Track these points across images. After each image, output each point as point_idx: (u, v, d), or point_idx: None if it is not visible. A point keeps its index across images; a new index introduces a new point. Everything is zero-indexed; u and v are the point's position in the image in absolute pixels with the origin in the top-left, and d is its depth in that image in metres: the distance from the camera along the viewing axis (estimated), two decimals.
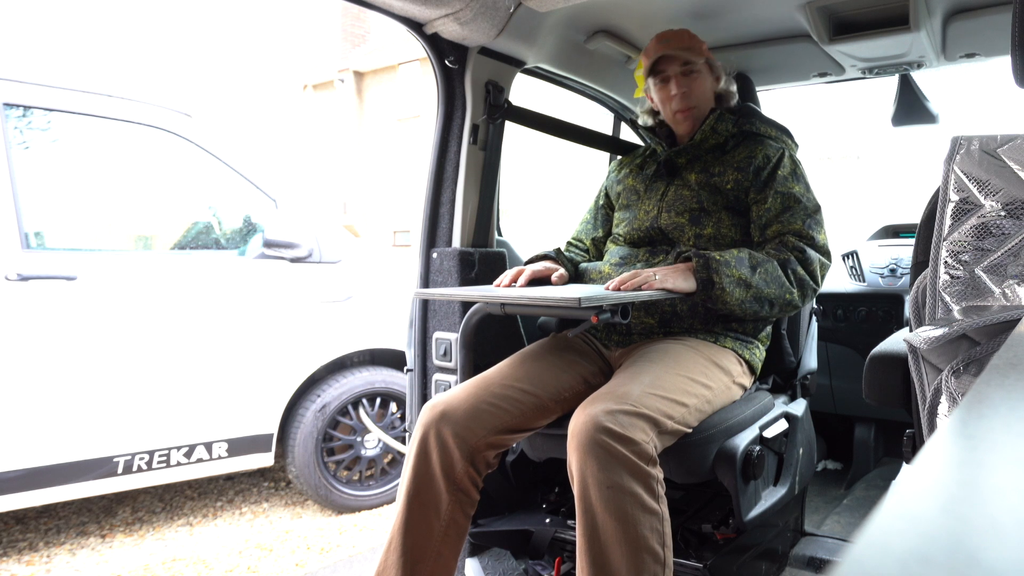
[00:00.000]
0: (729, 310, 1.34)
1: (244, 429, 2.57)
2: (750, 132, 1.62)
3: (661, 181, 1.61)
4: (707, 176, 1.54)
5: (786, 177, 1.50)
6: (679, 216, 1.52)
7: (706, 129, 1.57)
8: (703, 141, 1.58)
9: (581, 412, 1.16)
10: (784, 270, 1.39)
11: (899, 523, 0.19)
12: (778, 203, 1.47)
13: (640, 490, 1.08)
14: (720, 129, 1.58)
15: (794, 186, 1.49)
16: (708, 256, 1.33)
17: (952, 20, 1.67)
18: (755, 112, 1.68)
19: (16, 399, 2.12)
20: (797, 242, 1.43)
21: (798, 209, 1.46)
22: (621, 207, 1.68)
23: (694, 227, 1.50)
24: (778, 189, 1.48)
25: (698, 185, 1.53)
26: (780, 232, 1.45)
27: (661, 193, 1.58)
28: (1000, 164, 0.87)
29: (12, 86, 2.21)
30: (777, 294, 1.37)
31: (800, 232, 1.44)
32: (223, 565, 2.33)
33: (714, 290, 1.31)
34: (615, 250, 1.63)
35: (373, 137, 16.37)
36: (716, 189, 1.52)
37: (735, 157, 1.55)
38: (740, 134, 1.62)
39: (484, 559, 1.66)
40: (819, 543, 1.71)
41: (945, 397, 0.87)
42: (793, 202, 1.47)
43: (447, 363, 1.69)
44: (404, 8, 1.47)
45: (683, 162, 1.60)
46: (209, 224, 2.72)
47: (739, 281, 1.32)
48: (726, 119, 1.59)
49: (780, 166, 1.51)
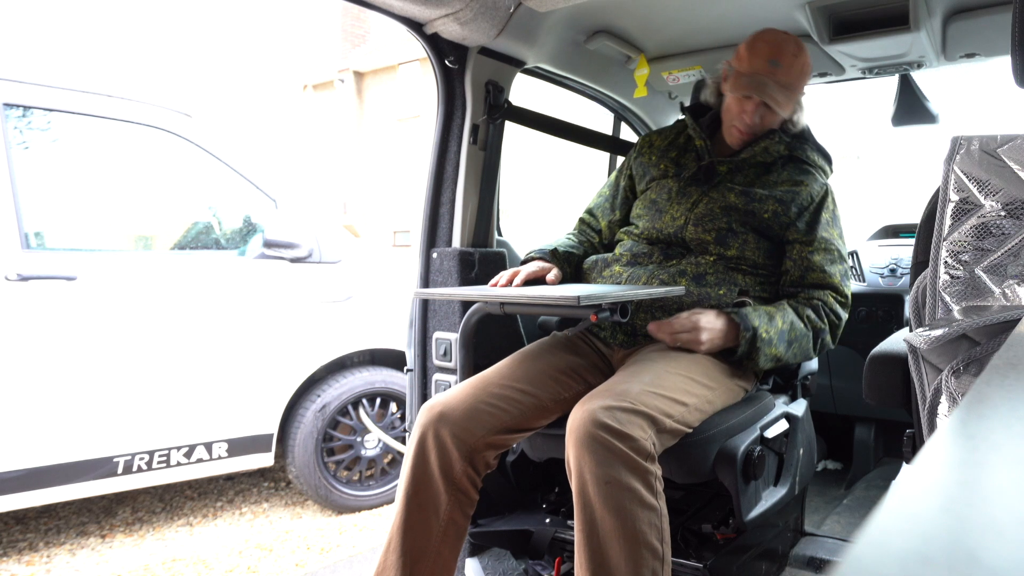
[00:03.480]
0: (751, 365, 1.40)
1: (244, 429, 2.57)
2: (799, 159, 1.56)
3: (696, 187, 1.52)
4: (746, 199, 1.47)
5: (828, 221, 1.49)
6: (706, 233, 1.46)
7: (757, 149, 1.51)
8: (751, 158, 1.52)
9: (579, 408, 1.16)
10: (815, 340, 1.43)
11: (899, 523, 0.19)
12: (821, 250, 1.45)
13: (638, 485, 1.08)
14: (772, 150, 1.53)
15: (834, 231, 1.50)
16: (756, 334, 1.33)
17: (952, 20, 1.67)
18: (809, 137, 1.61)
19: (16, 399, 2.12)
20: (834, 304, 1.44)
21: (838, 259, 1.47)
22: (647, 199, 1.58)
23: (719, 247, 1.45)
24: (821, 234, 1.46)
25: (733, 207, 1.47)
26: (819, 283, 1.45)
27: (693, 202, 1.50)
28: (1000, 164, 0.87)
29: (12, 86, 2.21)
30: (806, 351, 1.43)
31: (837, 288, 1.45)
32: (223, 565, 2.33)
33: (748, 361, 1.37)
34: (628, 244, 1.56)
35: (373, 137, 16.37)
36: (752, 214, 1.46)
37: (778, 183, 1.50)
38: (789, 157, 1.56)
39: (484, 559, 1.66)
40: (819, 543, 1.71)
41: (945, 397, 0.87)
42: (835, 250, 1.47)
43: (447, 363, 1.69)
44: (404, 8, 1.47)
45: (724, 171, 1.53)
46: (209, 224, 2.72)
47: (774, 358, 1.37)
48: (781, 142, 1.52)
49: (823, 208, 1.49)
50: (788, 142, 1.54)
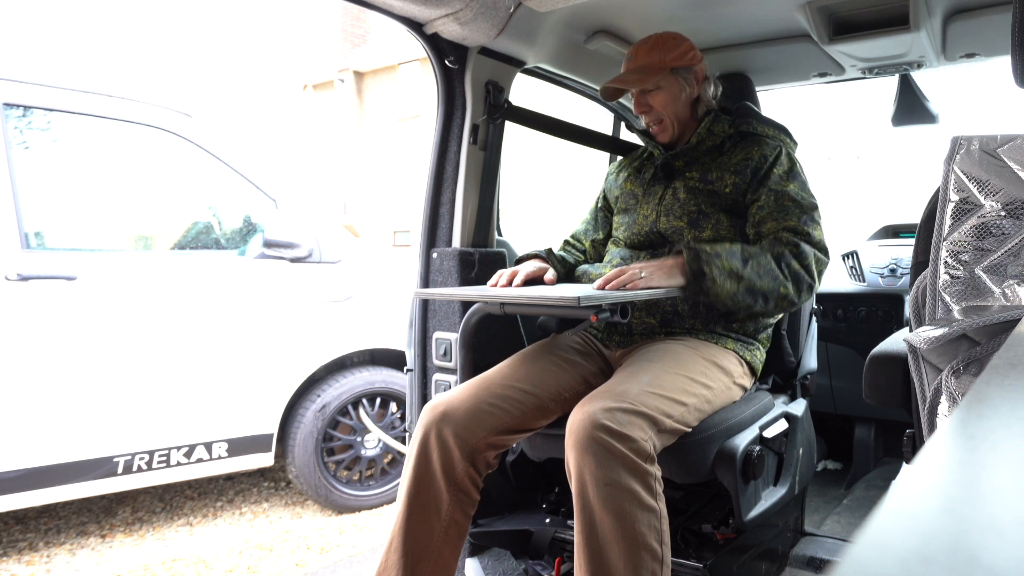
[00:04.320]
0: (721, 304, 1.33)
1: (244, 429, 2.57)
2: (748, 132, 1.61)
3: (659, 184, 1.60)
4: (705, 180, 1.53)
5: (782, 175, 1.49)
6: (678, 220, 1.51)
7: (702, 131, 1.57)
8: (700, 143, 1.58)
9: (579, 410, 1.16)
10: (778, 263, 1.37)
11: (899, 523, 0.19)
12: (772, 200, 1.45)
13: (637, 487, 1.08)
14: (716, 130, 1.58)
15: (789, 184, 1.48)
16: (698, 248, 1.32)
17: (952, 20, 1.67)
18: (752, 112, 1.67)
19: (16, 399, 2.12)
20: (792, 237, 1.41)
21: (793, 207, 1.45)
22: (620, 211, 1.67)
23: (693, 230, 1.49)
24: (772, 187, 1.47)
25: (696, 188, 1.52)
26: (775, 229, 1.44)
27: (659, 197, 1.57)
28: (1000, 164, 0.87)
29: (12, 86, 2.21)
30: (771, 287, 1.35)
31: (795, 228, 1.42)
32: (223, 565, 2.33)
33: (705, 282, 1.29)
34: (616, 251, 1.62)
35: (373, 137, 16.37)
36: (714, 193, 1.51)
37: (732, 159, 1.54)
38: (737, 135, 1.61)
39: (484, 559, 1.66)
40: (819, 543, 1.71)
41: (945, 397, 0.87)
42: (788, 200, 1.45)
43: (447, 363, 1.69)
44: (404, 8, 1.47)
45: (680, 165, 1.60)
46: (209, 224, 2.72)
47: (730, 273, 1.31)
48: (722, 120, 1.59)
49: (776, 164, 1.50)
50: (731, 120, 1.61)
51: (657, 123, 1.58)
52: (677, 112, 1.57)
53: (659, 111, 1.56)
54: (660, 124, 1.58)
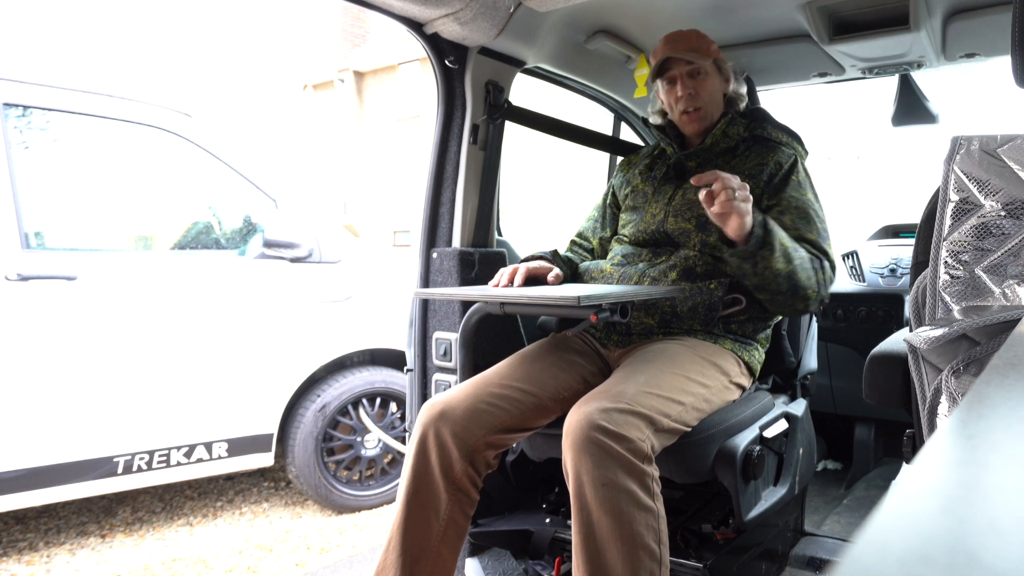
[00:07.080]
0: (759, 277, 1.31)
1: (244, 429, 2.57)
2: (761, 137, 1.61)
3: (670, 184, 1.60)
4: None
5: (799, 184, 1.50)
6: (686, 222, 1.51)
7: (717, 133, 1.57)
8: (714, 145, 1.58)
9: (576, 410, 1.16)
10: (812, 264, 1.39)
11: (899, 523, 0.19)
12: (793, 211, 1.46)
13: (635, 487, 1.08)
14: (731, 133, 1.58)
15: (807, 194, 1.49)
16: (767, 218, 1.31)
17: (952, 20, 1.67)
18: (767, 116, 1.66)
19: (16, 399, 2.12)
20: (813, 250, 1.42)
21: (813, 220, 1.46)
22: (628, 208, 1.66)
23: (700, 233, 1.49)
24: (792, 195, 1.47)
25: None
26: (796, 239, 1.43)
27: (669, 197, 1.57)
28: (1000, 164, 0.87)
29: (12, 86, 2.21)
30: (805, 283, 1.35)
31: (815, 243, 1.44)
32: (223, 565, 2.33)
33: (763, 250, 1.28)
34: (618, 248, 1.62)
35: (373, 137, 16.37)
36: None
37: (746, 163, 1.54)
38: (751, 139, 1.61)
39: (484, 559, 1.66)
40: (819, 543, 1.71)
41: (945, 397, 0.87)
42: (807, 212, 1.46)
43: (447, 363, 1.69)
44: (404, 8, 1.47)
45: (693, 165, 1.59)
46: (209, 224, 2.72)
47: (784, 252, 1.30)
48: (737, 123, 1.59)
49: (793, 172, 1.51)
50: (746, 124, 1.60)
51: (696, 110, 1.56)
52: (716, 103, 1.58)
53: (703, 97, 1.55)
54: (698, 112, 1.56)
